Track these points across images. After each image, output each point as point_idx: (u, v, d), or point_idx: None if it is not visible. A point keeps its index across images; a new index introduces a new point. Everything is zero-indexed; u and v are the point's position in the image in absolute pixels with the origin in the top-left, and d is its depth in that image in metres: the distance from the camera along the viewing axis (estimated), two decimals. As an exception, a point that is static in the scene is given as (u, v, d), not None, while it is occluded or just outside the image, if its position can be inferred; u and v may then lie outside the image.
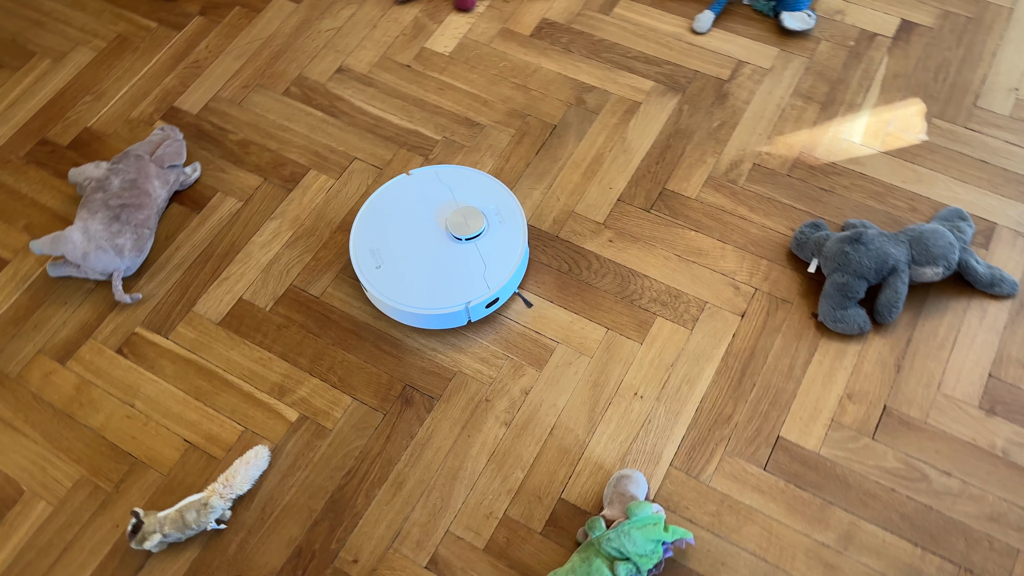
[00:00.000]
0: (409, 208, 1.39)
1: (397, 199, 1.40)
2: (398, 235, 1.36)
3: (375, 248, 1.35)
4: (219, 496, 1.20)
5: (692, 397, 1.29)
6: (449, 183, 1.40)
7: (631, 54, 1.67)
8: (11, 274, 1.48)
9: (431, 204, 1.39)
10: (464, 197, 1.39)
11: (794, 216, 1.45)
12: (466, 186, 1.40)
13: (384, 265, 1.32)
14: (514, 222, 1.35)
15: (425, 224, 1.37)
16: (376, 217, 1.38)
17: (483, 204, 1.37)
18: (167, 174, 1.49)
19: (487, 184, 1.40)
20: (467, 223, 1.34)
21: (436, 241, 1.35)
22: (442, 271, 1.32)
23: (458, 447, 1.27)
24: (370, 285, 1.32)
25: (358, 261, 1.34)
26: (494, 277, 1.31)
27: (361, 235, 1.37)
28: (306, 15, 1.78)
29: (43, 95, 1.71)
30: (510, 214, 1.36)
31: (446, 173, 1.42)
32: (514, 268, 1.31)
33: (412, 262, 1.34)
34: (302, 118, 1.63)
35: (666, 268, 1.41)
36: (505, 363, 1.34)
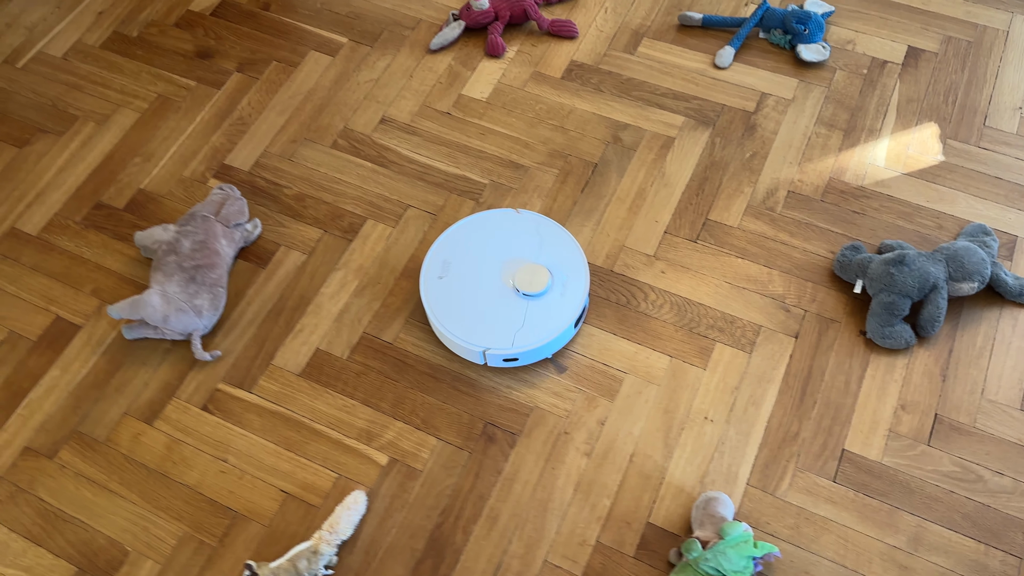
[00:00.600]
0: (490, 242, 1.47)
1: (483, 230, 1.48)
2: (471, 262, 1.44)
3: (447, 260, 1.43)
4: (326, 543, 1.26)
5: (759, 417, 1.38)
6: (542, 234, 1.47)
7: (659, 91, 1.76)
8: (86, 338, 1.52)
9: (513, 246, 1.46)
10: (546, 253, 1.45)
11: (832, 239, 1.55)
12: (553, 244, 1.47)
13: (446, 278, 1.40)
14: (572, 298, 1.41)
15: (496, 261, 1.44)
16: (457, 240, 1.48)
17: (557, 268, 1.44)
18: (233, 233, 1.55)
19: (570, 251, 1.46)
20: (531, 281, 1.41)
21: (498, 281, 1.42)
22: (490, 308, 1.40)
23: (544, 479, 1.35)
24: (427, 299, 1.40)
25: (427, 275, 1.43)
26: (524, 338, 1.37)
27: (438, 249, 1.46)
28: (343, 68, 1.84)
29: (92, 159, 1.75)
30: (573, 289, 1.42)
31: (546, 225, 1.48)
32: (547, 340, 1.37)
33: (470, 289, 1.42)
34: (353, 169, 1.69)
35: (719, 295, 1.50)
36: (578, 396, 1.42)
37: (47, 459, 1.41)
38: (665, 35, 1.85)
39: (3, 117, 1.82)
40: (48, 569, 1.31)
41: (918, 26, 1.82)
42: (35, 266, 1.61)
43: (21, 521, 1.36)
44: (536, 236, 1.47)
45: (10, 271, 1.61)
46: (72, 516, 1.36)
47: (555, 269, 1.43)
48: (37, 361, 1.50)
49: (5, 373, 1.49)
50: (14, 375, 1.49)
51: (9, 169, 1.75)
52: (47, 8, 2.00)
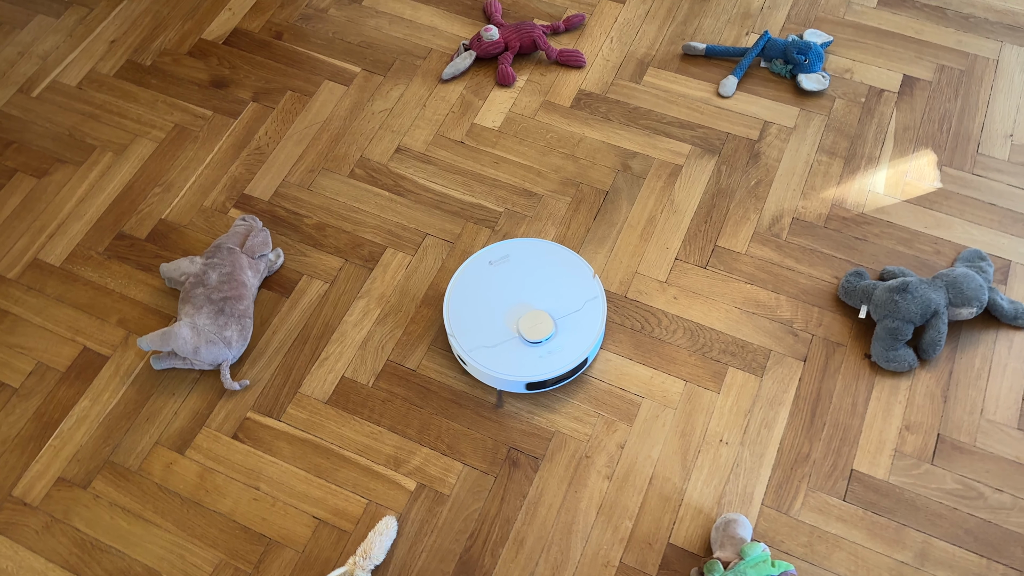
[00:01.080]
0: (526, 270, 1.55)
1: (529, 255, 1.56)
2: (499, 283, 1.53)
3: (495, 259, 1.54)
4: (360, 568, 1.30)
5: (772, 439, 1.44)
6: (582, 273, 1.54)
7: (666, 120, 1.82)
8: (114, 369, 1.56)
9: (542, 277, 1.53)
10: (564, 297, 1.52)
11: (836, 265, 1.62)
12: (573, 287, 1.53)
13: (497, 265, 1.51)
14: (572, 351, 1.47)
15: (523, 291, 1.52)
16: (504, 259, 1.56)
17: (567, 314, 1.50)
18: (258, 264, 1.59)
19: (587, 297, 1.52)
20: (535, 328, 1.46)
21: (514, 310, 1.49)
22: (502, 334, 1.48)
23: (568, 503, 1.40)
24: (449, 320, 1.47)
25: (450, 297, 1.50)
26: (505, 372, 1.45)
27: (477, 262, 1.54)
28: (357, 97, 1.89)
29: (111, 189, 1.78)
30: (579, 343, 1.47)
31: (585, 268, 1.55)
32: (514, 383, 1.44)
33: (486, 307, 1.50)
34: (371, 199, 1.74)
35: (730, 320, 1.56)
36: (598, 420, 1.47)
37: (81, 489, 1.44)
38: (670, 64, 1.91)
39: (21, 147, 1.85)
40: (87, 597, 1.35)
41: (912, 55, 1.90)
42: (60, 297, 1.64)
43: (58, 551, 1.39)
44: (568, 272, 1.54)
45: (35, 302, 1.64)
46: (108, 545, 1.39)
47: (569, 311, 1.50)
48: (67, 392, 1.54)
49: (36, 404, 1.52)
50: (44, 406, 1.52)
51: (29, 199, 1.77)
52: (59, 37, 2.03)
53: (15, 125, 1.88)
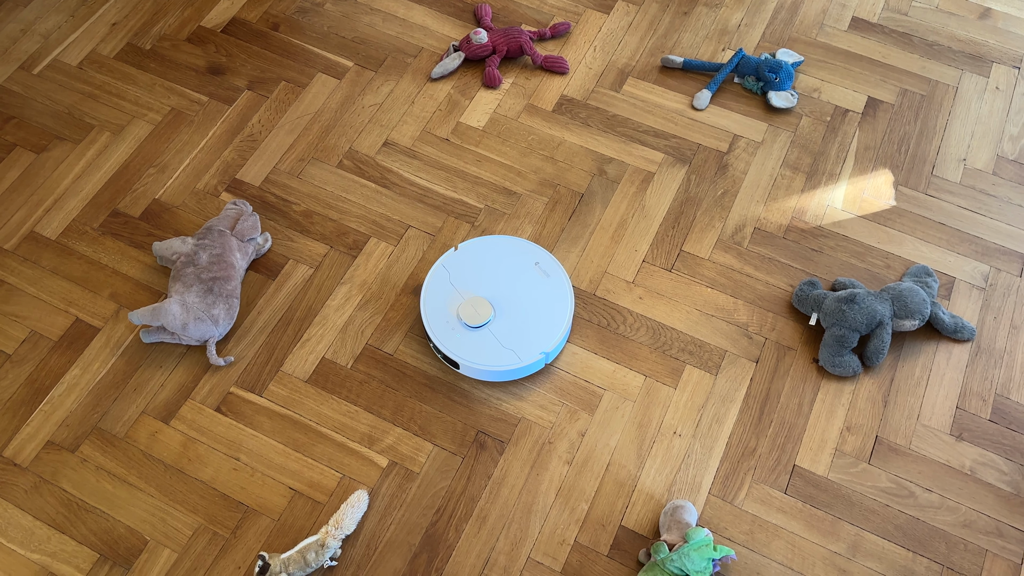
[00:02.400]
0: (496, 263, 1.65)
1: (490, 252, 1.66)
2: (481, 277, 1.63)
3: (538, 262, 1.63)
4: (332, 537, 1.39)
5: (722, 434, 1.55)
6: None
7: (642, 128, 1.92)
8: (104, 340, 1.63)
9: (518, 268, 1.64)
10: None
11: (792, 274, 1.72)
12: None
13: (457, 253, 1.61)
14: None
15: (504, 279, 1.63)
16: (472, 258, 1.66)
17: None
18: (246, 246, 1.67)
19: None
20: (475, 314, 1.56)
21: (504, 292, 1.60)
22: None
23: (529, 484, 1.50)
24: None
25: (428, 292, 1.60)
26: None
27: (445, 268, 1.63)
28: (348, 91, 1.97)
29: (108, 167, 1.85)
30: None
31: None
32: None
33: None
34: (357, 189, 1.82)
35: (690, 321, 1.66)
36: (561, 409, 1.57)
37: (69, 452, 1.52)
38: (648, 75, 2.00)
39: (21, 123, 1.91)
40: (72, 555, 1.43)
41: (878, 78, 2.00)
42: (54, 269, 1.71)
43: (45, 510, 1.47)
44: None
45: (31, 273, 1.71)
46: (93, 506, 1.47)
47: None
48: (58, 360, 1.61)
49: (28, 370, 1.60)
50: (36, 372, 1.60)
51: (27, 174, 1.84)
52: (61, 16, 2.09)
53: (16, 101, 1.94)
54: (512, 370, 1.53)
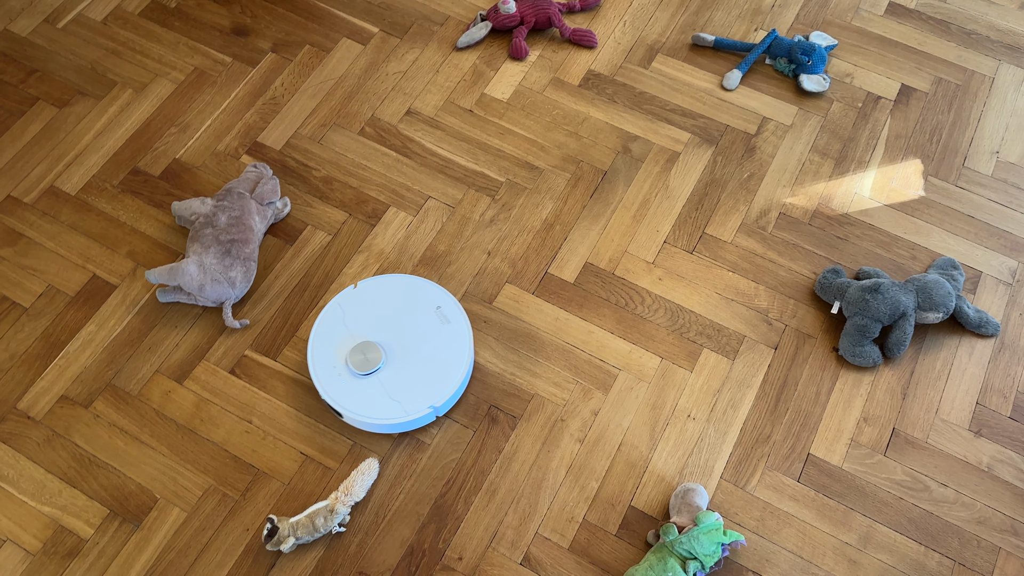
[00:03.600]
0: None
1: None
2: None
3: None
4: (341, 503, 1.39)
5: (736, 419, 1.53)
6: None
7: (669, 107, 1.89)
8: (121, 298, 1.63)
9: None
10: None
11: (816, 261, 1.69)
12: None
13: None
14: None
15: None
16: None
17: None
18: (265, 210, 1.66)
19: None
20: (365, 359, 1.46)
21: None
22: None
23: (540, 460, 1.49)
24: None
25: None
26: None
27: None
28: (373, 57, 1.95)
29: (129, 125, 1.84)
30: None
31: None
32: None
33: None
34: (378, 157, 1.80)
35: (709, 304, 1.64)
36: (575, 387, 1.56)
37: (82, 408, 1.52)
38: (678, 53, 1.97)
39: (44, 76, 1.91)
40: (82, 509, 1.44)
41: (912, 65, 1.96)
42: (73, 225, 1.71)
43: (57, 464, 1.47)
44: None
45: (49, 228, 1.71)
46: (105, 462, 1.48)
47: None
48: (74, 316, 1.61)
49: (44, 324, 1.60)
50: (52, 327, 1.60)
51: (49, 128, 1.83)
52: (87, -29, 2.07)
53: (39, 54, 1.93)
54: (398, 424, 1.44)
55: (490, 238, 1.71)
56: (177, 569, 1.39)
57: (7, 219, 1.71)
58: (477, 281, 1.66)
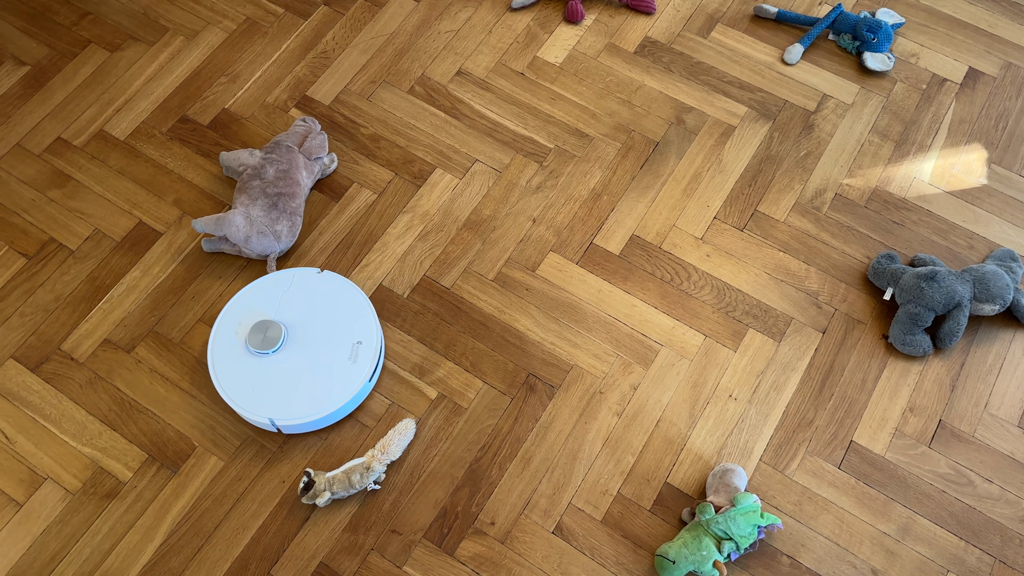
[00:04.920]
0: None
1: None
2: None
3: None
4: (377, 461, 1.39)
5: (779, 402, 1.50)
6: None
7: (727, 79, 1.84)
8: (166, 245, 1.64)
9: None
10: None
11: (870, 245, 1.65)
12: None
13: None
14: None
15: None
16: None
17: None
18: (312, 165, 1.65)
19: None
20: (264, 338, 1.42)
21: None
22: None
23: (577, 431, 1.48)
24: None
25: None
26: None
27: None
28: (426, 14, 1.91)
29: (179, 72, 1.83)
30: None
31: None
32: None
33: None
34: (427, 117, 1.78)
35: (758, 284, 1.61)
36: (615, 360, 1.54)
37: (125, 352, 1.54)
38: (739, 23, 1.91)
39: (97, 19, 1.90)
40: (122, 452, 1.45)
41: (982, 48, 1.89)
42: (121, 170, 1.71)
43: (99, 406, 1.49)
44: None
45: (98, 172, 1.71)
46: (145, 407, 1.49)
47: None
48: (120, 261, 1.62)
49: (90, 267, 1.61)
50: (98, 271, 1.61)
51: (100, 72, 1.83)
52: (142, -86, 2.05)
53: (93, -3, 1.92)
54: (238, 411, 1.41)
55: (536, 205, 1.68)
56: (213, 516, 1.40)
57: (56, 161, 1.72)
58: (521, 248, 1.64)
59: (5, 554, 1.37)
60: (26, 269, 1.61)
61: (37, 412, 1.48)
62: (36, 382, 1.51)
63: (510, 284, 1.60)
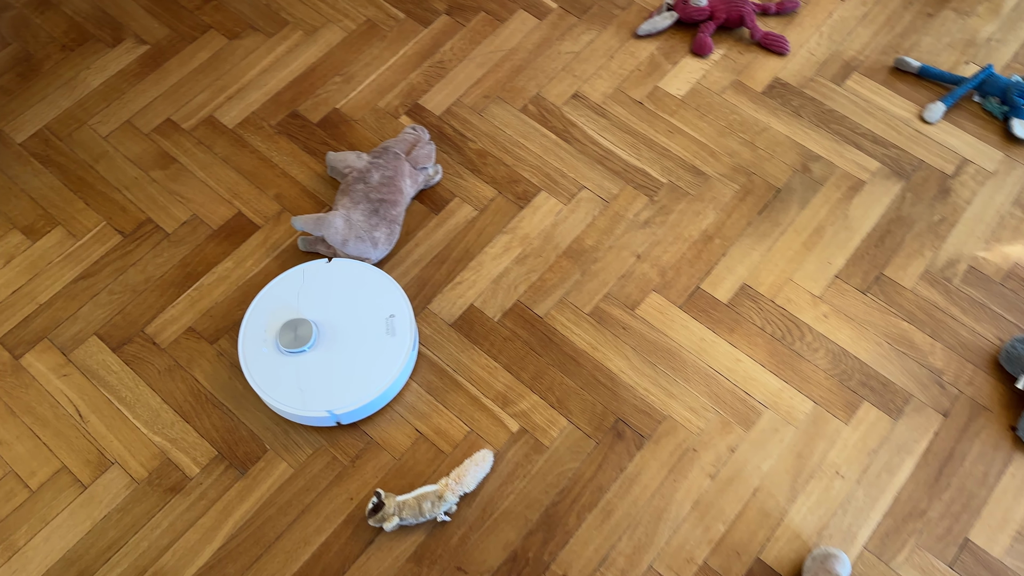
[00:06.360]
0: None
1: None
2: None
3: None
4: (451, 491, 1.31)
5: (891, 486, 1.37)
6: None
7: (859, 130, 1.72)
8: (262, 239, 1.60)
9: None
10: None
11: (1003, 326, 1.51)
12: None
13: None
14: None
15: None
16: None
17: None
18: (417, 174, 1.59)
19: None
20: (295, 337, 1.37)
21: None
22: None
23: (664, 489, 1.37)
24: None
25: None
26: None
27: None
28: (547, 33, 1.85)
29: (295, 67, 1.81)
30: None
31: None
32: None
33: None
34: (537, 138, 1.71)
35: (877, 354, 1.48)
36: (714, 417, 1.43)
37: (208, 343, 1.50)
38: (877, 74, 1.80)
39: (220, 6, 1.90)
40: (191, 446, 1.41)
41: None
42: (226, 158, 1.69)
43: (175, 395, 1.45)
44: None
45: (203, 157, 1.69)
46: (221, 402, 1.45)
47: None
48: (214, 249, 1.59)
49: (183, 252, 1.59)
50: (191, 257, 1.58)
51: (216, 58, 1.82)
52: (276, -92, 2.06)
53: (219, -16, 1.92)
54: (293, 415, 1.35)
55: (642, 240, 1.60)
56: (275, 525, 1.34)
57: (163, 141, 1.71)
58: (621, 284, 1.55)
59: (64, 536, 1.34)
60: (120, 247, 1.59)
61: (113, 393, 1.45)
62: (116, 362, 1.48)
63: (606, 321, 1.51)
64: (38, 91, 1.78)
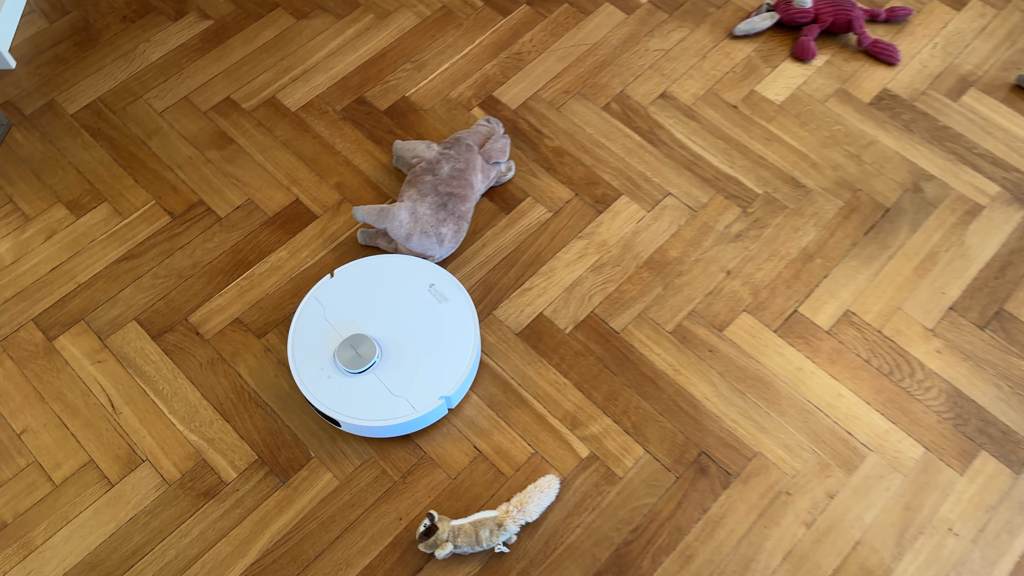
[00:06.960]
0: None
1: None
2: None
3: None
4: (512, 519, 1.17)
5: (1012, 549, 1.19)
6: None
7: (977, 150, 1.55)
8: (319, 230, 1.48)
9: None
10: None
11: None
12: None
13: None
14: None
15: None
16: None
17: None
18: (489, 169, 1.47)
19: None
20: (357, 355, 1.24)
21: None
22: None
23: (753, 535, 1.21)
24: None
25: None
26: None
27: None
28: (635, 29, 1.72)
29: (364, 51, 1.70)
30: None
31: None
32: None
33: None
34: (619, 138, 1.58)
35: (998, 398, 1.31)
36: (811, 457, 1.27)
37: (255, 337, 1.38)
38: (996, 91, 1.63)
39: (289, -14, 1.80)
40: (230, 448, 1.29)
41: None
42: (287, 142, 1.58)
43: (215, 391, 1.34)
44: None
45: (262, 140, 1.59)
46: (265, 402, 1.33)
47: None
48: (268, 237, 1.48)
49: (235, 238, 1.48)
50: (243, 243, 1.47)
51: (282, 38, 1.72)
52: None
53: (291, -38, 1.83)
54: (406, 423, 1.22)
55: (732, 255, 1.45)
56: (316, 542, 1.21)
57: (221, 121, 1.61)
58: (708, 302, 1.40)
59: (85, 536, 1.22)
60: (168, 228, 1.49)
61: (150, 385, 1.34)
62: (155, 351, 1.37)
63: (691, 341, 1.36)
64: (95, 62, 1.69)
